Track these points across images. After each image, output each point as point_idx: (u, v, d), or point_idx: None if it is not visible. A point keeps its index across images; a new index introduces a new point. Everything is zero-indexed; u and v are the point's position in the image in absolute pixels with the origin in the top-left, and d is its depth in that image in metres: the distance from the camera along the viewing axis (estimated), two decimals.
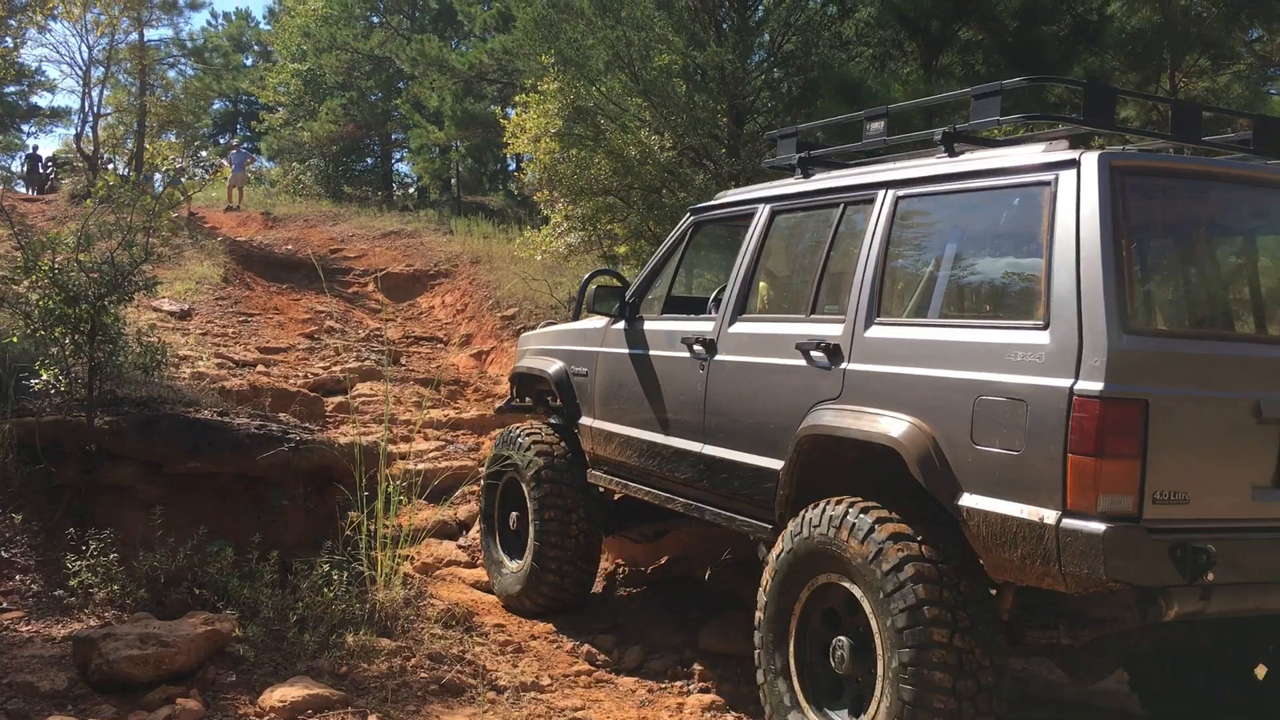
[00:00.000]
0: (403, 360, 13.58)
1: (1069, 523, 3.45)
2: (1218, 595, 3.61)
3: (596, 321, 6.26)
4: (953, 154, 4.48)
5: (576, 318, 6.61)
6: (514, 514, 6.57)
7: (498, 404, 8.02)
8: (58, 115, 36.21)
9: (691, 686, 5.56)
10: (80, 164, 25.22)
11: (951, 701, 3.72)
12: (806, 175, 5.32)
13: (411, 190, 32.93)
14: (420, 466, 7.36)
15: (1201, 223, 4.41)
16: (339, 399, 10.80)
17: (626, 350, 5.88)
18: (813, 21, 13.53)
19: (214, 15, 43.88)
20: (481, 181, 29.94)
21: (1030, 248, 3.89)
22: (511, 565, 6.55)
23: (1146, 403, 3.44)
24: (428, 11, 29.44)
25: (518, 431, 6.58)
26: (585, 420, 6.22)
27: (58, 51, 45.97)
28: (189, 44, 29.85)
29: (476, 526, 7.47)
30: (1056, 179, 3.79)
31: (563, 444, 6.37)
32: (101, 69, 24.11)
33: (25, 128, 38.00)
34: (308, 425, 7.07)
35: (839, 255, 4.73)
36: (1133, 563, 3.40)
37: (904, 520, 3.99)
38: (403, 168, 34.27)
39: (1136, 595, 3.63)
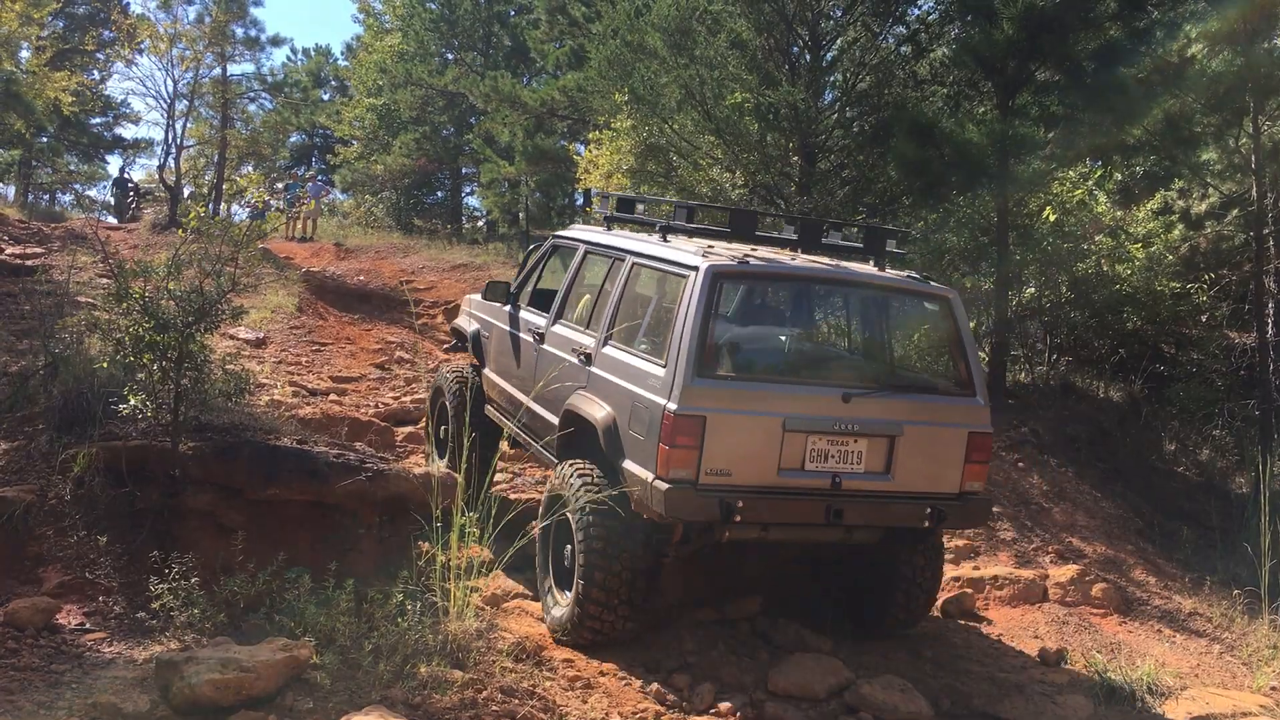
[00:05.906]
0: None
1: (656, 483, 5.66)
2: (773, 529, 5.99)
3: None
4: (665, 240, 6.64)
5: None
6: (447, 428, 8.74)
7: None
8: (140, 146, 37.22)
9: None
10: (162, 194, 25.84)
11: (607, 570, 5.91)
12: (609, 229, 7.53)
13: (480, 224, 33.34)
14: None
15: (769, 305, 7.23)
16: (409, 429, 10.91)
17: (507, 327, 8.14)
18: (886, 61, 13.50)
19: (294, 51, 44.70)
20: (550, 216, 30.17)
21: (672, 314, 5.97)
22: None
23: (704, 418, 5.64)
24: (501, 49, 29.90)
25: (445, 376, 8.89)
26: (485, 369, 8.53)
27: (143, 85, 47.41)
28: (270, 79, 30.59)
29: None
30: (689, 276, 5.92)
31: (468, 381, 8.53)
32: (185, 102, 24.76)
33: (110, 158, 39.12)
34: (383, 455, 7.15)
35: (605, 292, 6.81)
36: (685, 508, 5.67)
37: (597, 473, 6.12)
38: (472, 201, 34.71)
39: (699, 526, 5.92)
